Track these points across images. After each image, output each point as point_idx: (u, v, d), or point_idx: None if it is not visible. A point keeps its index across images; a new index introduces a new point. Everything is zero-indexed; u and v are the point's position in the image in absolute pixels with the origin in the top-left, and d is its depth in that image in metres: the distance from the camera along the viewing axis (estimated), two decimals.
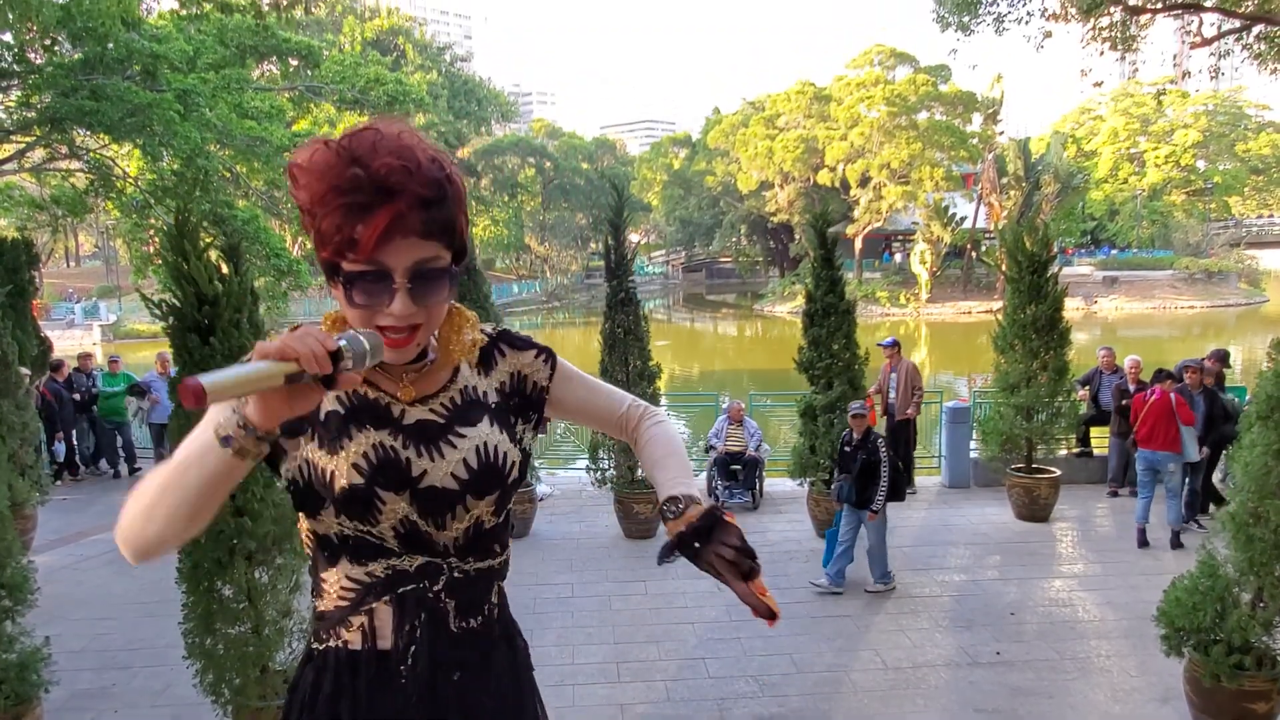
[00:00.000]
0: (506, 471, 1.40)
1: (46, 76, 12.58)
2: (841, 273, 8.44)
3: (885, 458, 6.86)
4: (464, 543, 1.38)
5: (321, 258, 1.25)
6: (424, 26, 63.18)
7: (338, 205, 1.18)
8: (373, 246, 1.18)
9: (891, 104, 44.90)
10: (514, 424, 1.46)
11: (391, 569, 1.34)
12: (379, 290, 1.21)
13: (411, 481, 1.32)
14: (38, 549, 8.22)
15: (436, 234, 1.23)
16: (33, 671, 4.56)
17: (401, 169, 1.18)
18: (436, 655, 1.37)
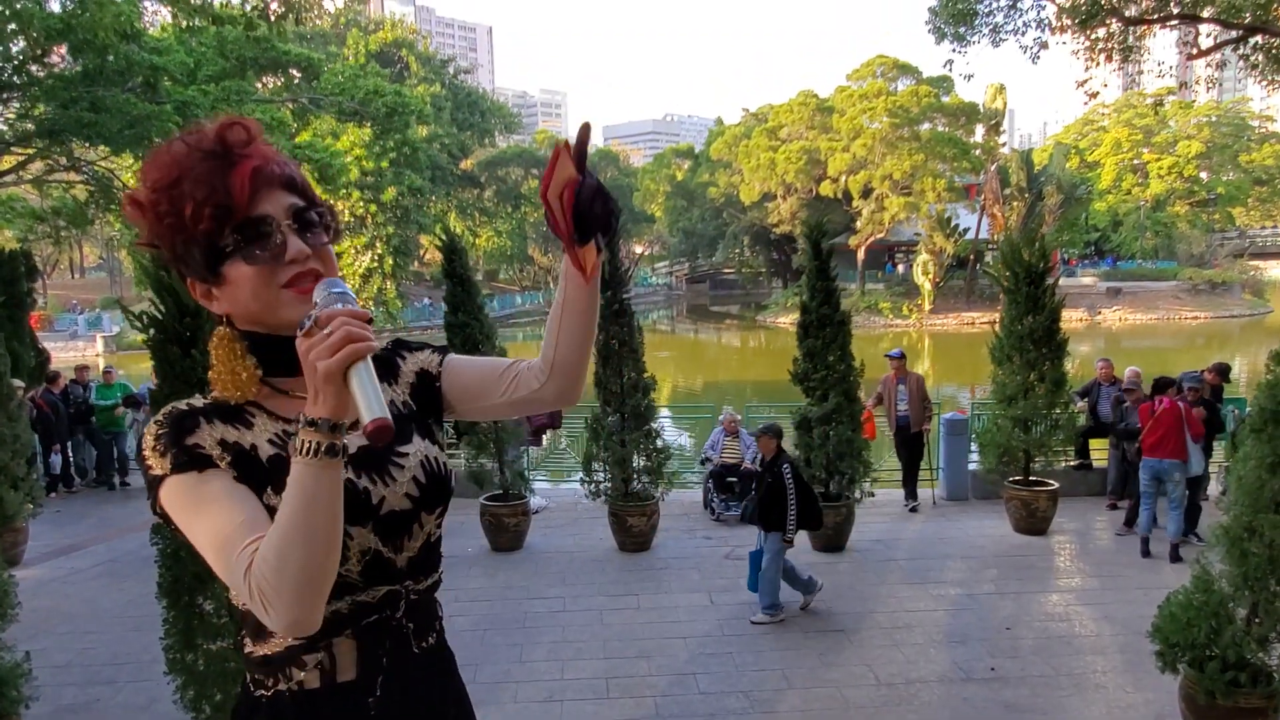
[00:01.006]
0: (448, 480, 1.40)
1: (46, 88, 12.63)
2: (837, 284, 8.41)
3: (790, 483, 6.49)
4: (417, 560, 1.37)
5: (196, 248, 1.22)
6: (428, 39, 63.45)
7: (201, 173, 1.19)
8: (249, 194, 1.20)
9: (894, 115, 44.95)
10: (433, 429, 1.45)
11: (355, 604, 1.30)
12: (271, 242, 1.21)
13: (372, 511, 1.29)
14: (28, 561, 8.20)
15: (296, 187, 1.27)
16: (13, 687, 4.52)
17: (240, 128, 1.24)
18: (406, 680, 1.35)
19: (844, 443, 8.14)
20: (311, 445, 1.07)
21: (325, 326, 1.07)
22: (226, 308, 1.27)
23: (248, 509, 1.18)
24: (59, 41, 12.19)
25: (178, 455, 1.21)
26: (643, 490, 8.54)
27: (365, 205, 40.72)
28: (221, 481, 1.21)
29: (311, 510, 1.08)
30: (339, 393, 1.07)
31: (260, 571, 1.08)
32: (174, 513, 1.21)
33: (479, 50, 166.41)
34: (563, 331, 1.38)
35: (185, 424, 1.24)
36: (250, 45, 13.59)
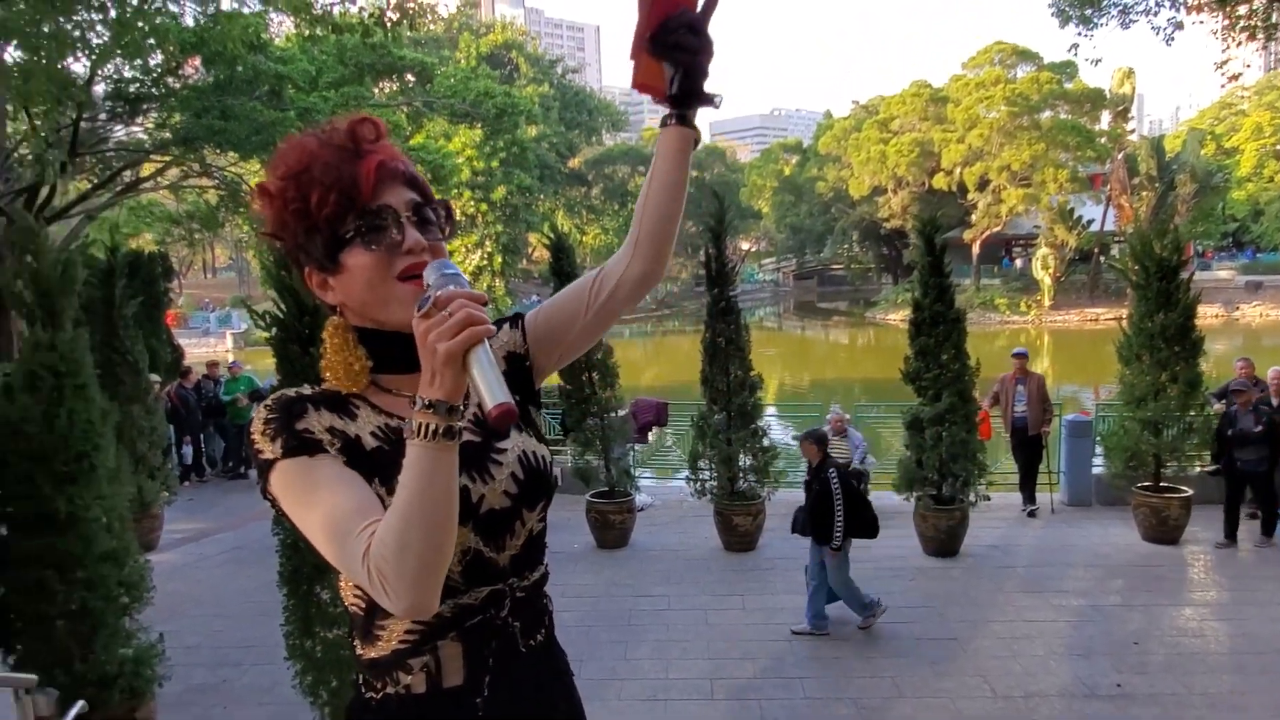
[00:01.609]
0: (549, 474, 1.38)
1: (181, 99, 13.37)
2: (951, 280, 8.12)
3: (837, 490, 6.20)
4: (520, 557, 1.35)
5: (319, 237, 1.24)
6: (537, 40, 64.48)
7: (330, 162, 1.23)
8: (373, 184, 1.23)
9: (1012, 104, 43.22)
10: (531, 418, 1.44)
11: (457, 606, 1.29)
12: (391, 232, 1.24)
13: (473, 509, 1.28)
14: (163, 547, 8.69)
15: (417, 186, 1.30)
16: (148, 666, 4.78)
17: (370, 125, 1.28)
18: (513, 680, 1.34)
19: (958, 444, 7.87)
20: (429, 428, 1.07)
21: (444, 307, 1.06)
22: (341, 298, 1.29)
23: (360, 494, 1.18)
24: (193, 54, 12.88)
25: (288, 440, 1.22)
26: (748, 489, 8.45)
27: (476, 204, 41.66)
28: (333, 467, 1.21)
29: (429, 492, 1.08)
30: (457, 376, 1.06)
31: (379, 554, 1.08)
32: (284, 497, 1.21)
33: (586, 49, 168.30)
34: (650, 202, 1.40)
35: (294, 409, 1.25)
36: (368, 52, 14.10)
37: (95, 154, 15.19)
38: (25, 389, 4.57)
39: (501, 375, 1.07)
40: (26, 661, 4.39)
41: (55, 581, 4.46)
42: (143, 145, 15.18)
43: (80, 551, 4.54)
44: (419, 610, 1.13)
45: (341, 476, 1.20)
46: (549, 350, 1.47)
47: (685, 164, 1.39)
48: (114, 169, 15.73)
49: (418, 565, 1.08)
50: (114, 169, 15.73)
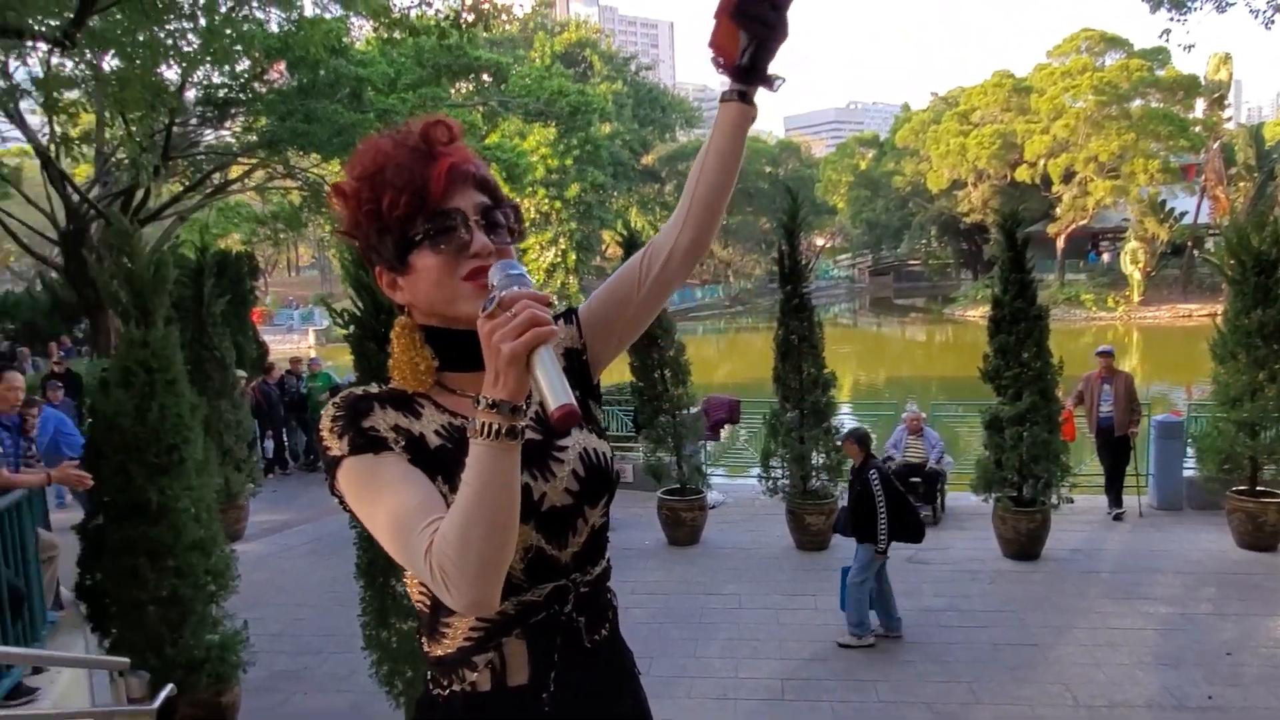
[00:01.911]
0: (609, 470, 1.38)
1: (267, 103, 13.81)
2: (1033, 276, 7.88)
3: (879, 491, 6.03)
4: (582, 554, 1.35)
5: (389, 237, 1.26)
6: (610, 38, 64.74)
7: (403, 163, 1.25)
8: (444, 187, 1.25)
9: (1100, 93, 41.70)
10: (592, 414, 1.44)
11: (521, 604, 1.30)
12: (459, 234, 1.25)
13: (535, 507, 1.28)
14: (248, 537, 8.98)
15: (489, 190, 1.31)
16: (233, 652, 4.96)
17: (444, 128, 1.30)
18: (579, 676, 1.34)
19: (1039, 444, 7.64)
20: (492, 427, 1.08)
21: (509, 308, 1.07)
22: (409, 298, 1.31)
23: (424, 491, 1.20)
24: (278, 59, 13.30)
25: (354, 437, 1.24)
26: (821, 488, 8.35)
27: (550, 202, 42.07)
28: (398, 464, 1.23)
29: (492, 491, 1.09)
30: (520, 376, 1.07)
31: (442, 550, 1.10)
32: (350, 494, 1.23)
33: (660, 46, 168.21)
34: (705, 172, 1.41)
35: (360, 407, 1.27)
36: (444, 53, 14.35)
37: (186, 158, 15.80)
38: (120, 384, 4.78)
39: (564, 376, 1.07)
40: (120, 645, 4.59)
41: (147, 569, 4.66)
42: (231, 149, 15.74)
43: (170, 540, 4.72)
44: (480, 607, 1.14)
45: (406, 474, 1.22)
46: (605, 338, 1.48)
47: (742, 138, 1.40)
48: (204, 172, 16.34)
49: (479, 562, 1.09)
50: (204, 172, 16.34)
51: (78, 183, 15.57)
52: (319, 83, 13.33)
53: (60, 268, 15.35)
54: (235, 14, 11.27)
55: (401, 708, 4.61)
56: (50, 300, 24.40)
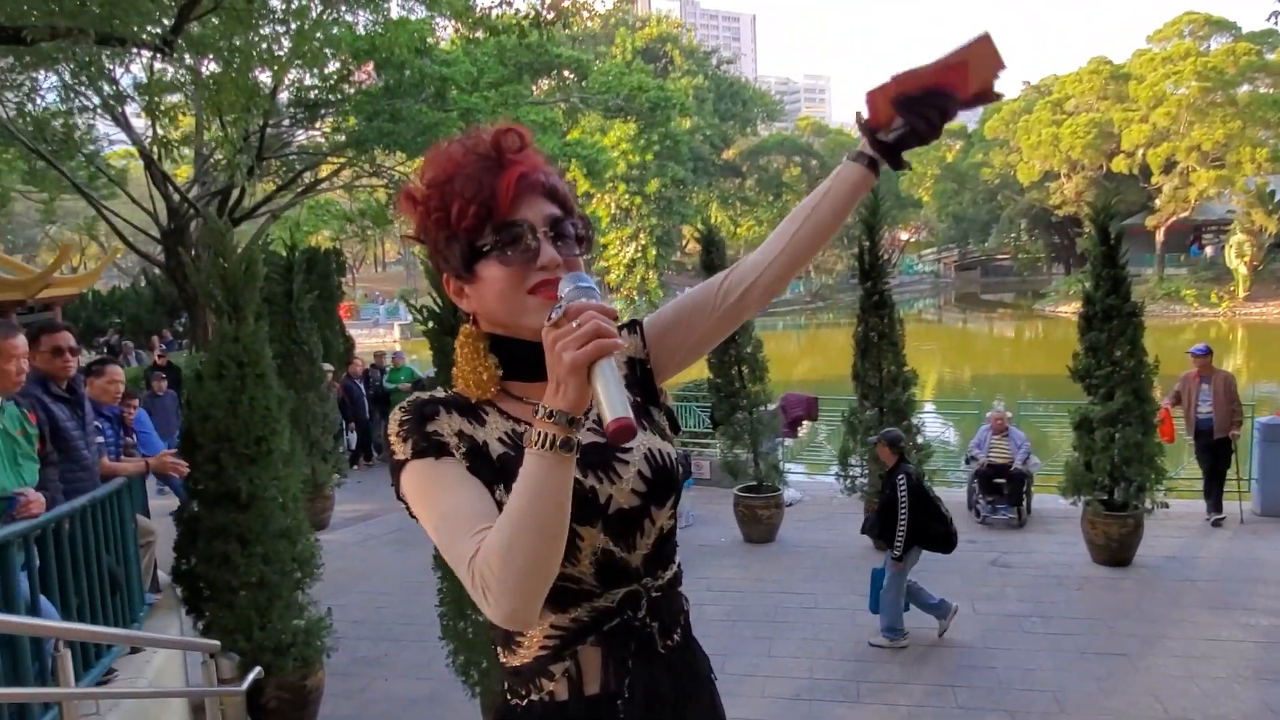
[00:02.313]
0: (675, 471, 1.37)
1: (355, 103, 14.20)
2: (1127, 271, 7.58)
3: (903, 497, 5.89)
4: (652, 556, 1.35)
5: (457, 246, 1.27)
6: (692, 32, 64.59)
7: (472, 172, 1.25)
8: (511, 198, 1.25)
9: (1204, 78, 39.84)
10: (654, 418, 1.43)
11: (595, 610, 1.30)
12: (526, 246, 1.25)
13: (601, 510, 1.29)
14: (333, 526, 9.26)
15: (559, 199, 1.31)
16: (317, 637, 5.11)
17: (514, 134, 1.30)
18: (654, 681, 1.34)
19: (1132, 447, 7.35)
20: (547, 438, 1.08)
21: (574, 318, 1.08)
22: (475, 306, 1.32)
23: (477, 498, 1.21)
24: (366, 60, 13.65)
25: (418, 441, 1.25)
26: None
27: (630, 198, 42.24)
28: (456, 470, 1.24)
29: (541, 502, 1.09)
30: (581, 387, 1.07)
31: (485, 559, 1.10)
32: (411, 497, 1.25)
33: (742, 39, 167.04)
34: (812, 222, 1.42)
35: (426, 411, 1.29)
36: (525, 52, 14.53)
37: (279, 158, 16.34)
38: (213, 377, 4.96)
39: (625, 390, 1.07)
40: (213, 628, 4.78)
41: (238, 555, 4.83)
42: (320, 148, 16.22)
43: (259, 528, 4.89)
44: (516, 620, 1.14)
45: (463, 481, 1.23)
46: (671, 352, 1.48)
47: (857, 200, 1.42)
48: (295, 171, 16.87)
49: (520, 574, 1.09)
50: (295, 171, 16.87)
51: (179, 183, 16.27)
52: (404, 83, 13.63)
53: (162, 264, 16.04)
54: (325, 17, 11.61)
55: (477, 698, 4.69)
56: (153, 295, 25.60)
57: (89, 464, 4.17)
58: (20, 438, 3.42)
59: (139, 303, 26.44)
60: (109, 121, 15.28)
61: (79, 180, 15.31)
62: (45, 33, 5.87)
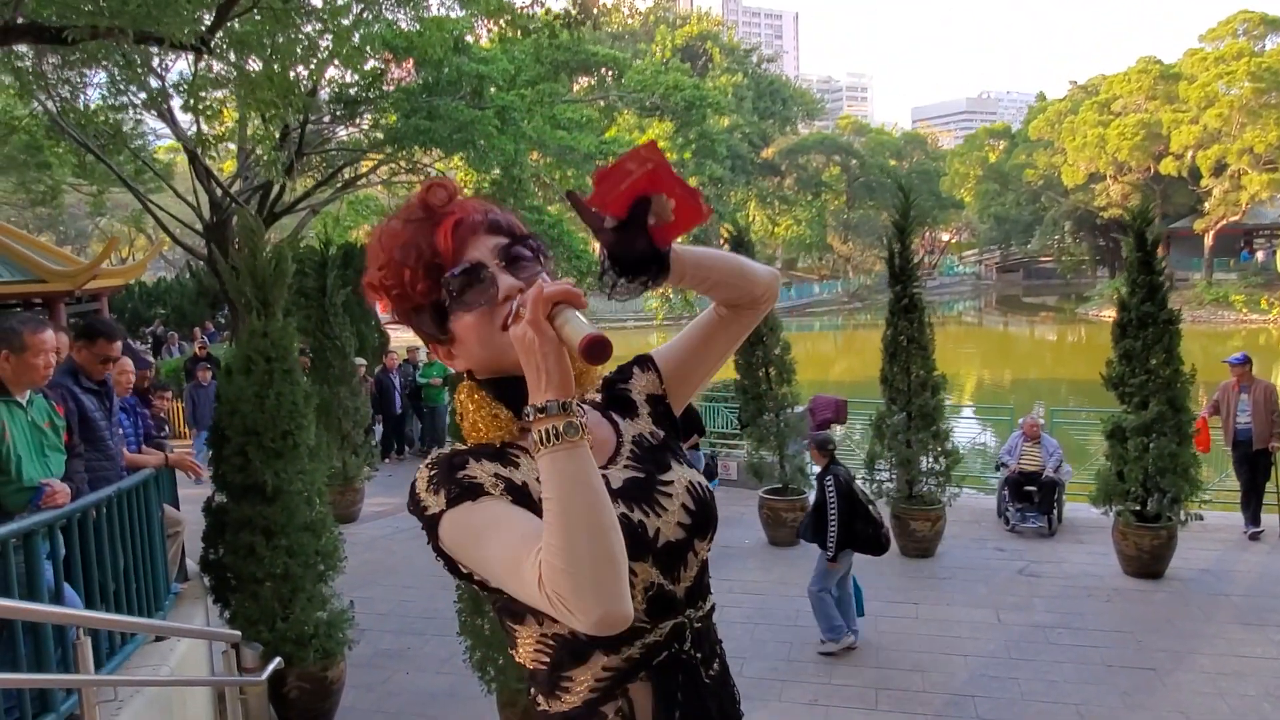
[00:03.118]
0: (714, 503, 1.37)
1: (393, 100, 14.36)
2: (1165, 278, 7.43)
3: (831, 499, 5.90)
4: (693, 588, 1.34)
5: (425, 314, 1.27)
6: (733, 30, 64.36)
7: (410, 239, 1.25)
8: (453, 245, 1.23)
9: (1258, 79, 38.87)
10: (683, 453, 1.44)
11: (645, 646, 1.28)
12: (483, 285, 1.24)
13: (650, 543, 1.27)
14: (363, 519, 9.37)
15: (502, 229, 1.29)
16: (339, 630, 5.18)
17: (441, 191, 1.30)
18: (700, 713, 1.33)
19: (1166, 457, 7.20)
20: (551, 431, 1.07)
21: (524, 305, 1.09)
22: (466, 364, 1.31)
23: (529, 523, 1.15)
24: (404, 58, 13.81)
25: (450, 489, 1.21)
26: (928, 493, 8.12)
27: None
28: (498, 505, 1.20)
29: (576, 494, 1.06)
30: (559, 357, 1.07)
31: (551, 577, 1.06)
32: (457, 548, 1.21)
33: (784, 37, 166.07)
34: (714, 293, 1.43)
35: (455, 461, 1.25)
36: (562, 50, 14.60)
37: (319, 153, 16.58)
38: (242, 371, 5.05)
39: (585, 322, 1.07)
40: (238, 618, 4.87)
41: (263, 547, 4.92)
42: (360, 145, 16.42)
43: (284, 520, 4.97)
44: (612, 622, 1.07)
45: (509, 513, 1.19)
46: (685, 380, 1.50)
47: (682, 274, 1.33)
48: (335, 167, 17.10)
49: (591, 574, 1.05)
50: (335, 167, 17.10)
51: (222, 178, 16.57)
52: (442, 80, 13.78)
53: (205, 258, 16.36)
54: (364, 16, 11.75)
55: (493, 694, 4.73)
56: (196, 287, 26.09)
57: (114, 454, 4.28)
58: (48, 430, 3.50)
59: (183, 294, 26.97)
60: (155, 117, 15.61)
61: (126, 174, 15.65)
62: (86, 32, 6.02)
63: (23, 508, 3.31)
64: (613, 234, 1.22)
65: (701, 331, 1.49)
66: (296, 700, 5.03)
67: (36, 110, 14.41)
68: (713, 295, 1.44)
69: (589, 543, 1.05)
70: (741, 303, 1.45)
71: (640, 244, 1.22)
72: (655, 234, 1.22)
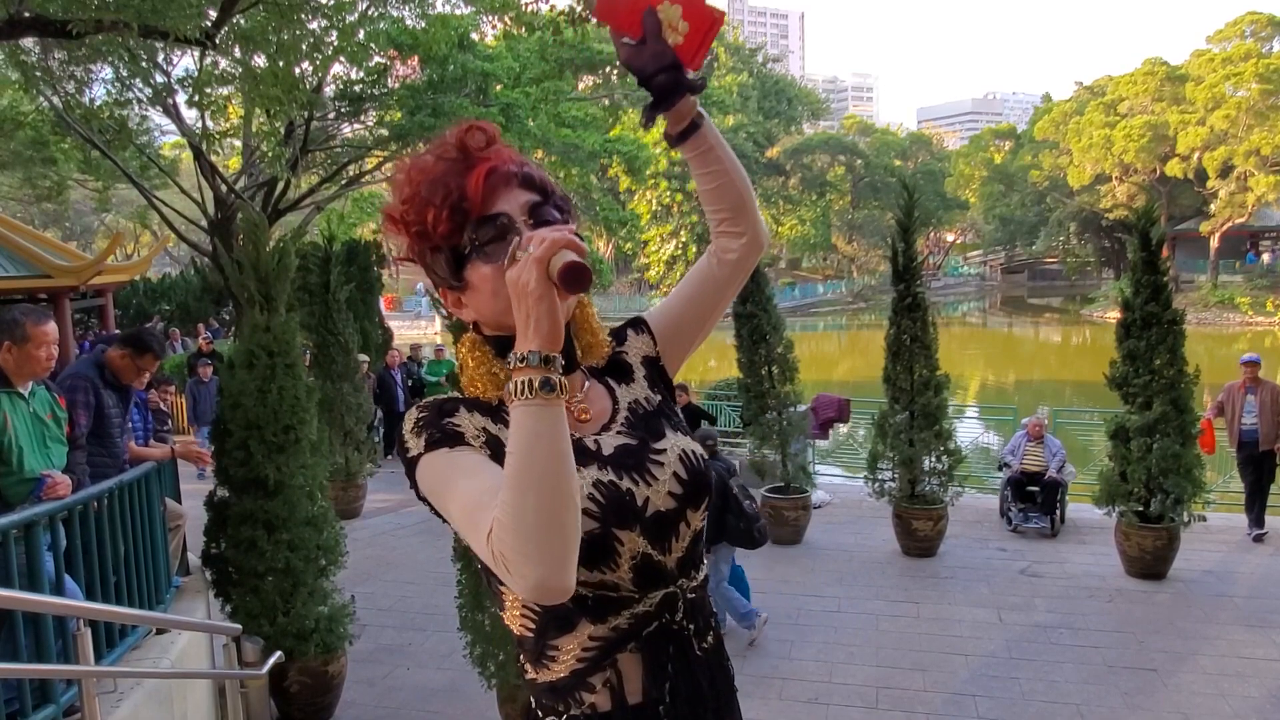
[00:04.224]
0: (708, 472, 1.35)
1: (398, 97, 14.39)
2: (1168, 278, 7.42)
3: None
4: (685, 559, 1.32)
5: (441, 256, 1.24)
6: (738, 29, 64.35)
7: (439, 177, 1.22)
8: (483, 192, 1.21)
9: (1266, 80, 38.78)
10: (678, 417, 1.42)
11: (634, 616, 1.26)
12: (508, 239, 1.19)
13: (638, 512, 1.25)
14: (365, 515, 9.38)
15: (536, 186, 1.27)
16: (340, 624, 5.19)
17: (478, 132, 1.26)
18: (692, 686, 1.31)
19: (1169, 457, 7.18)
20: (526, 384, 1.04)
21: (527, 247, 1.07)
22: (474, 315, 1.29)
23: (496, 476, 1.11)
24: (409, 55, 13.83)
25: (432, 434, 1.20)
26: (930, 493, 8.11)
27: (671, 194, 42.28)
28: (473, 457, 1.18)
29: (537, 453, 1.03)
30: (552, 310, 1.05)
31: (498, 534, 1.04)
32: (430, 493, 1.20)
33: (790, 37, 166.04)
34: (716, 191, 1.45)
35: (445, 408, 1.25)
36: (567, 48, 14.62)
37: (324, 150, 16.60)
38: (244, 366, 5.05)
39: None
40: (239, 612, 4.88)
41: (264, 541, 4.92)
42: (364, 142, 16.45)
43: (285, 515, 4.97)
44: (547, 590, 1.05)
45: (481, 465, 1.17)
46: (679, 341, 1.49)
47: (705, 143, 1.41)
48: (340, 164, 17.13)
49: (537, 536, 1.02)
50: (340, 164, 17.13)
51: (227, 174, 16.60)
52: (447, 78, 13.80)
53: (209, 254, 16.39)
54: (370, 13, 11.76)
55: (493, 689, 4.73)
56: (200, 283, 26.11)
57: (118, 452, 4.29)
58: (50, 421, 3.51)
59: (187, 290, 27.00)
60: (160, 113, 15.64)
61: (131, 170, 15.68)
62: (90, 25, 6.04)
63: (24, 499, 3.32)
64: (631, 50, 1.27)
65: (691, 284, 1.50)
66: (297, 695, 5.04)
67: (42, 105, 14.44)
68: (707, 190, 1.45)
69: (538, 504, 1.02)
70: (727, 219, 1.46)
71: (658, 57, 1.27)
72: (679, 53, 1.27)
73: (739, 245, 1.46)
